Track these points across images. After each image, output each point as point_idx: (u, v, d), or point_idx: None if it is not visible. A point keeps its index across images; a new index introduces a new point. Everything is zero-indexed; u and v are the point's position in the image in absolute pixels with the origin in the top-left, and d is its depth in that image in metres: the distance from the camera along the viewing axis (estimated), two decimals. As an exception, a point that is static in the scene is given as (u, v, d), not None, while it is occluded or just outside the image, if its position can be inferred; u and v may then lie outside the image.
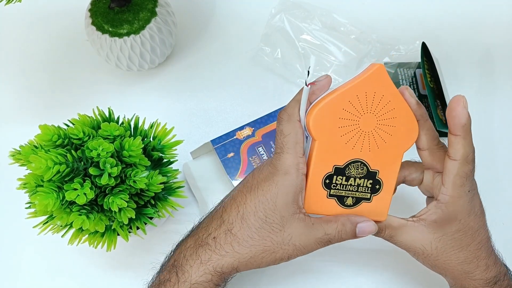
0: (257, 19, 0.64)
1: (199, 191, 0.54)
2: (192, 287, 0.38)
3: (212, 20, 0.66)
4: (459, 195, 0.38)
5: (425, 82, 0.58)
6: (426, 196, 0.44)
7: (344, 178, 0.38)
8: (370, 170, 0.38)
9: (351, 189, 0.39)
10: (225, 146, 0.52)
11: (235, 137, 0.53)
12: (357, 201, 0.39)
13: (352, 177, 0.38)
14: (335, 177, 0.38)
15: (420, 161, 0.41)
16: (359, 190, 0.39)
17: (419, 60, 0.60)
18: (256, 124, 0.53)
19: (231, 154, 0.52)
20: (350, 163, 0.38)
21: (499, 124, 0.59)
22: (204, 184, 0.54)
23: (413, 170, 0.42)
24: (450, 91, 0.60)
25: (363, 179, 0.38)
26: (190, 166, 0.55)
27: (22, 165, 0.42)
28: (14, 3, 0.45)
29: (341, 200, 0.39)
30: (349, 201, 0.39)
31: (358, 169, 0.38)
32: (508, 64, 0.63)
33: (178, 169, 0.48)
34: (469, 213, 0.39)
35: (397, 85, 0.60)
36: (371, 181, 0.39)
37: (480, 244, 0.40)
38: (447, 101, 0.57)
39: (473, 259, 0.40)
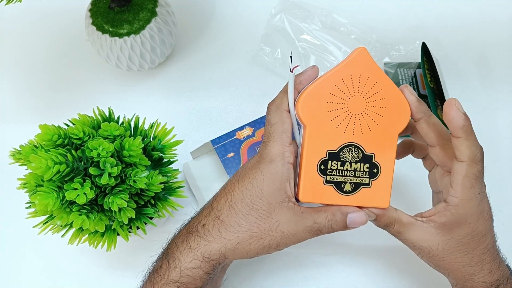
0: (257, 19, 0.64)
1: (199, 191, 0.54)
2: (182, 273, 0.38)
3: (212, 20, 0.66)
4: (469, 198, 0.37)
5: (425, 82, 0.58)
6: (431, 192, 0.44)
7: (339, 163, 0.38)
8: (365, 153, 0.38)
9: (348, 174, 0.38)
10: (225, 146, 0.52)
11: (235, 137, 0.53)
12: (356, 186, 0.38)
13: (348, 161, 0.38)
14: (329, 162, 0.38)
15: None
16: (356, 175, 0.38)
17: (419, 60, 0.60)
18: (256, 124, 0.53)
19: (231, 154, 0.52)
20: (343, 147, 0.38)
21: (499, 124, 0.59)
22: (204, 184, 0.54)
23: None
24: (450, 91, 0.60)
25: (359, 163, 0.38)
26: (190, 166, 0.55)
27: (22, 164, 0.42)
28: (14, 3, 0.45)
29: (338, 186, 0.38)
30: (348, 187, 0.38)
31: (352, 153, 0.38)
32: (508, 64, 0.63)
33: (178, 169, 0.48)
34: (478, 216, 0.38)
35: (397, 85, 0.60)
36: (367, 165, 0.38)
37: (486, 249, 0.39)
38: (447, 101, 0.57)
39: (478, 262, 0.39)
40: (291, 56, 0.38)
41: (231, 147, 0.52)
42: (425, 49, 0.59)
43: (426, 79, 0.57)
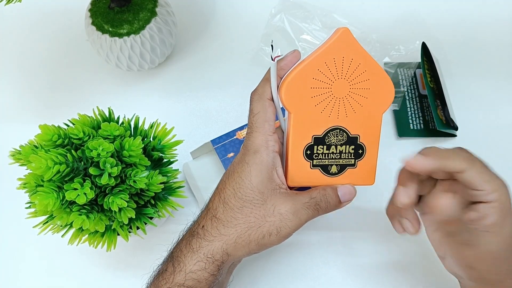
0: (257, 19, 0.64)
1: (199, 191, 0.54)
2: (187, 276, 0.38)
3: (212, 20, 0.66)
4: (500, 184, 0.35)
5: (425, 82, 0.58)
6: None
7: (325, 146, 0.38)
8: (350, 135, 0.38)
9: (333, 157, 0.39)
10: (225, 146, 0.52)
11: (235, 137, 0.53)
12: (342, 168, 0.39)
13: (333, 145, 0.38)
14: (315, 147, 0.38)
15: None
16: (342, 157, 0.39)
17: (419, 60, 0.60)
18: (256, 124, 0.53)
19: (231, 154, 0.52)
20: (328, 131, 0.38)
21: (498, 124, 0.59)
22: (204, 184, 0.54)
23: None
24: (450, 91, 0.60)
25: (344, 146, 0.39)
26: (190, 166, 0.55)
27: (22, 165, 0.42)
28: (14, 3, 0.45)
29: (325, 169, 0.39)
30: (334, 169, 0.39)
31: (337, 136, 0.38)
32: (508, 64, 0.63)
33: (178, 169, 0.48)
34: (510, 201, 0.37)
35: (397, 85, 0.60)
36: (353, 147, 0.39)
37: None
38: (447, 101, 0.57)
39: None
40: (272, 45, 0.38)
41: (231, 147, 0.52)
42: (425, 49, 0.59)
43: (426, 79, 0.57)
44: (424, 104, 0.60)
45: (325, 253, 0.53)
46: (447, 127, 0.56)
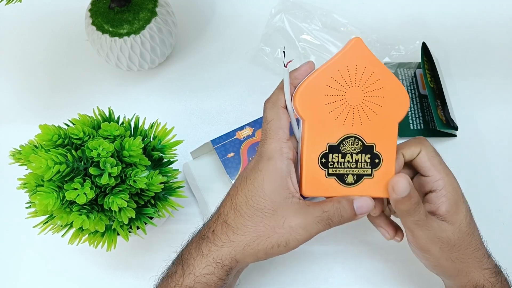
0: (257, 19, 0.64)
1: (199, 191, 0.54)
2: (196, 279, 0.38)
3: (212, 20, 0.66)
4: (447, 172, 0.39)
5: (425, 82, 0.58)
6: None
7: (340, 155, 0.38)
8: (366, 144, 0.38)
9: (349, 166, 0.38)
10: (225, 146, 0.52)
11: (235, 137, 0.53)
12: (359, 178, 0.38)
13: (348, 153, 0.38)
14: (330, 155, 0.38)
15: None
16: (358, 166, 0.38)
17: (419, 60, 0.60)
18: (256, 124, 0.53)
19: (231, 154, 0.52)
20: (343, 139, 0.38)
21: (498, 124, 0.59)
22: (204, 184, 0.54)
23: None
24: (450, 91, 0.60)
25: (360, 155, 0.38)
26: (190, 166, 0.55)
27: (22, 164, 0.42)
28: (14, 3, 0.45)
29: (341, 178, 0.38)
30: (350, 178, 0.38)
31: (353, 145, 0.38)
32: (508, 64, 0.63)
33: (178, 169, 0.48)
34: (461, 192, 0.39)
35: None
36: (369, 156, 0.38)
37: (477, 230, 0.40)
38: (447, 101, 0.57)
39: (480, 245, 0.40)
40: (284, 52, 0.38)
41: (231, 147, 0.52)
42: (425, 49, 0.59)
43: (426, 79, 0.58)
44: (424, 104, 0.60)
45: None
46: (447, 127, 0.56)
